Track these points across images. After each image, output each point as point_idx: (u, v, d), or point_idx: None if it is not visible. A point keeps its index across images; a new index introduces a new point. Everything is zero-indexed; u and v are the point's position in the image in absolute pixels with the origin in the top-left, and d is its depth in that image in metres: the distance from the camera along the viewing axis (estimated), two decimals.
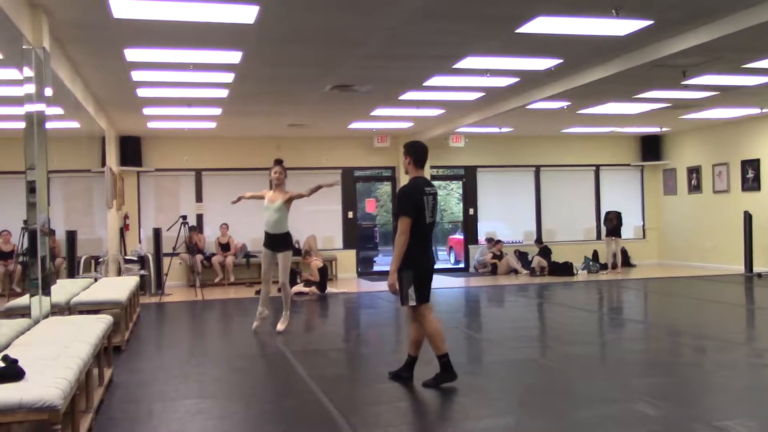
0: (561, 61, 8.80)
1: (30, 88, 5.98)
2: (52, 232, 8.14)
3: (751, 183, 14.80)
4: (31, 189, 5.86)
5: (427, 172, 16.05)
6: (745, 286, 12.94)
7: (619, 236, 15.80)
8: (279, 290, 8.76)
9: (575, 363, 6.75)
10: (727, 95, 11.47)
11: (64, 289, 7.54)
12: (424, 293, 5.65)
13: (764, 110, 13.48)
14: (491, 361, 7.27)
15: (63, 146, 11.29)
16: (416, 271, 5.60)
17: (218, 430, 4.86)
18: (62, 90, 7.99)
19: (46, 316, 5.89)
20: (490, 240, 16.17)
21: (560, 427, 4.78)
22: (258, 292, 12.81)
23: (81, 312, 6.98)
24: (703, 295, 11.99)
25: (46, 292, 6.00)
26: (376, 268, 17.33)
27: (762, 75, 9.92)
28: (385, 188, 18.06)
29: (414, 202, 5.61)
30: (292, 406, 5.33)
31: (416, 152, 5.78)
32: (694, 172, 16.33)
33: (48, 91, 6.41)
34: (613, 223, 15.72)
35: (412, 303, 5.62)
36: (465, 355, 7.73)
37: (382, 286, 13.82)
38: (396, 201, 5.75)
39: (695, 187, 16.34)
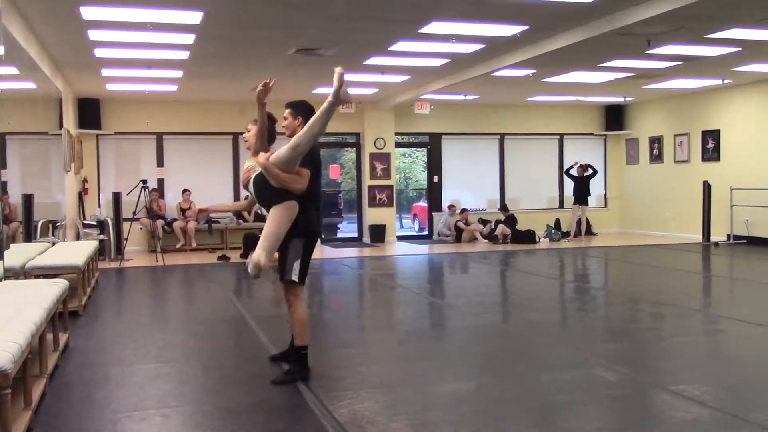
0: (526, 27, 8.74)
1: None
2: (5, 192, 7.92)
3: (711, 153, 14.99)
4: None
5: (392, 138, 16.07)
6: (703, 254, 13.17)
7: (587, 204, 15.93)
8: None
9: (536, 329, 6.81)
10: (690, 65, 11.54)
11: (19, 254, 7.37)
12: (305, 272, 4.94)
13: (726, 81, 13.62)
14: (454, 327, 7.30)
15: (18, 108, 10.97)
16: (307, 241, 4.93)
17: (177, 393, 4.81)
18: (16, 49, 7.72)
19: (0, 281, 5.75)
20: (451, 207, 16.21)
21: (522, 391, 4.82)
22: (222, 258, 12.80)
23: (37, 276, 6.83)
24: (662, 263, 12.17)
25: None
26: (340, 234, 17.29)
27: (724, 46, 9.98)
28: (350, 155, 17.95)
29: (315, 162, 4.95)
30: (252, 371, 5.29)
31: (309, 112, 4.98)
32: (656, 142, 16.50)
33: (0, 50, 6.19)
34: (585, 172, 15.78)
35: (294, 278, 4.86)
36: (428, 320, 7.76)
37: (346, 252, 13.92)
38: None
39: (656, 157, 16.52)
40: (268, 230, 4.77)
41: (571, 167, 16.03)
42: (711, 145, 14.97)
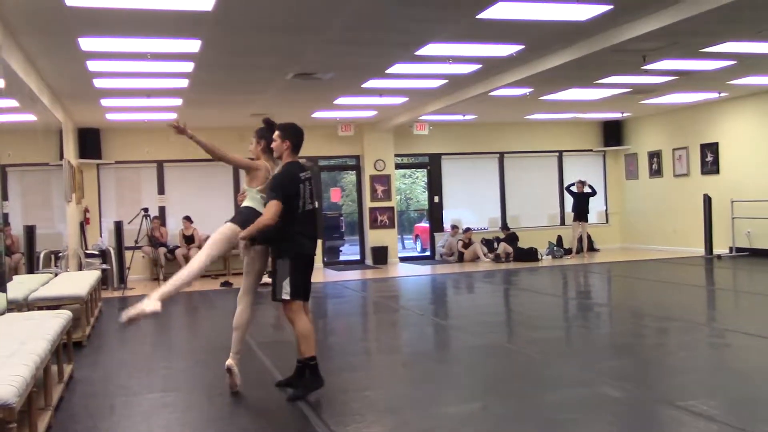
0: (523, 47, 8.80)
1: None
2: (6, 224, 7.93)
3: (710, 166, 15.01)
4: None
5: (392, 160, 16.12)
6: (706, 267, 13.14)
7: (586, 220, 15.91)
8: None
9: (541, 347, 6.78)
10: (686, 80, 11.59)
11: (22, 285, 7.38)
12: (299, 288, 5.05)
13: (722, 94, 13.67)
14: (458, 348, 7.28)
15: (19, 139, 11.06)
16: (295, 261, 5.04)
17: (182, 422, 4.79)
18: (16, 81, 7.78)
19: (2, 313, 5.75)
20: (454, 227, 16.22)
21: (527, 410, 4.80)
22: (224, 284, 12.78)
23: (40, 308, 6.82)
24: (665, 277, 12.15)
25: (2, 288, 5.85)
26: (342, 257, 17.28)
27: (719, 60, 10.04)
28: (350, 177, 18.01)
29: (286, 188, 5.01)
30: (258, 397, 5.28)
31: (296, 136, 5.16)
32: (655, 156, 16.53)
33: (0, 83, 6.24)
34: (583, 189, 15.78)
35: (285, 297, 5.00)
36: (432, 342, 7.74)
37: (349, 275, 13.89)
38: (270, 186, 5.07)
39: (656, 172, 16.54)
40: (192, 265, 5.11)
41: (572, 184, 16.04)
42: (710, 158, 15.00)
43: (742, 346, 6.65)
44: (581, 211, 15.82)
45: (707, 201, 14.31)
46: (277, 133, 5.22)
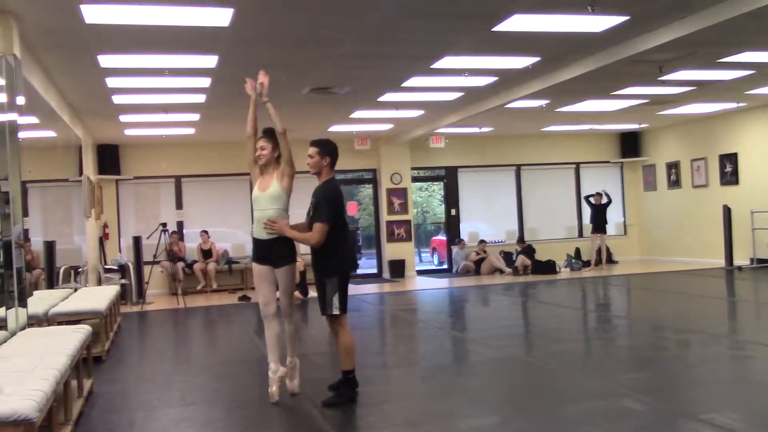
0: (538, 59, 8.79)
1: (1, 97, 5.87)
2: (27, 240, 8.00)
3: (729, 177, 14.89)
4: (5, 200, 5.76)
5: (408, 173, 16.12)
6: (726, 279, 13.01)
7: (605, 232, 15.78)
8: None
9: (560, 360, 6.74)
10: (703, 90, 11.53)
11: (42, 300, 7.43)
12: (345, 304, 5.24)
13: (740, 104, 13.58)
14: (476, 361, 7.24)
15: (39, 156, 11.16)
16: (343, 277, 5.25)
17: None
18: (36, 98, 7.87)
19: (23, 328, 5.79)
20: (460, 240, 16.22)
21: (547, 424, 4.76)
22: (242, 298, 12.82)
23: (59, 323, 6.86)
24: (685, 289, 12.04)
25: (23, 303, 5.89)
26: (359, 271, 17.25)
27: (737, 69, 9.98)
28: (367, 191, 18.00)
29: (336, 208, 5.23)
30: (275, 411, 5.27)
31: (335, 153, 5.34)
32: (673, 167, 16.43)
33: (20, 100, 6.31)
34: (600, 200, 15.68)
35: (336, 312, 5.20)
36: (450, 355, 7.71)
37: (366, 288, 13.88)
38: (316, 205, 5.18)
39: (674, 183, 16.43)
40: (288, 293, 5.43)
41: (591, 195, 15.94)
42: (729, 169, 14.88)
43: (765, 358, 6.56)
44: (599, 223, 15.71)
45: (727, 212, 14.18)
46: (315, 149, 5.30)
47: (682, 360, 6.86)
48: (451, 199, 16.98)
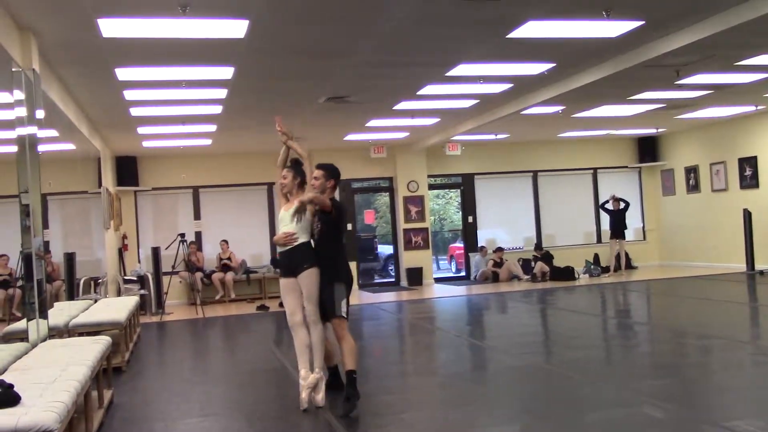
0: (554, 65, 8.77)
1: (21, 111, 5.94)
2: (47, 252, 8.05)
3: (749, 180, 14.76)
4: (26, 212, 5.82)
5: (425, 181, 16.12)
6: (748, 284, 12.88)
7: (623, 238, 15.66)
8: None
9: (580, 368, 6.69)
10: (721, 94, 11.45)
11: (62, 312, 7.49)
12: (348, 308, 5.66)
13: (759, 107, 13.46)
14: (495, 369, 7.21)
15: (58, 168, 11.25)
16: (349, 285, 5.68)
17: None
18: (55, 112, 7.95)
19: (44, 340, 5.84)
20: (482, 248, 16.15)
21: None
22: (261, 308, 12.85)
23: (80, 334, 6.92)
24: (705, 294, 11.93)
25: (44, 315, 5.94)
26: (377, 279, 17.26)
27: (755, 72, 9.90)
28: (384, 199, 18.02)
29: (345, 221, 5.91)
30: (295, 421, 5.27)
31: (339, 177, 5.82)
32: (692, 171, 16.31)
33: (40, 114, 6.38)
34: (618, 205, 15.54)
35: (343, 314, 5.56)
36: (469, 363, 7.68)
37: (384, 297, 13.87)
38: (337, 218, 5.68)
39: (693, 187, 16.31)
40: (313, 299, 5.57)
41: (607, 201, 15.85)
42: (749, 173, 14.74)
43: None
44: (618, 229, 15.58)
45: (747, 216, 14.05)
46: (321, 172, 5.71)
47: (703, 366, 6.79)
48: (469, 206, 16.94)
